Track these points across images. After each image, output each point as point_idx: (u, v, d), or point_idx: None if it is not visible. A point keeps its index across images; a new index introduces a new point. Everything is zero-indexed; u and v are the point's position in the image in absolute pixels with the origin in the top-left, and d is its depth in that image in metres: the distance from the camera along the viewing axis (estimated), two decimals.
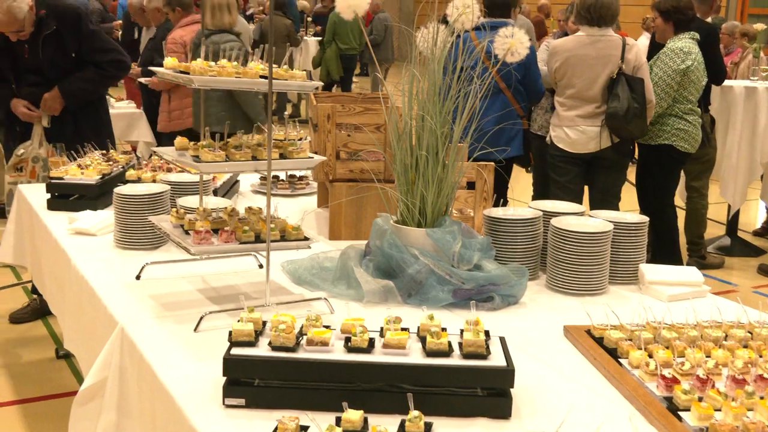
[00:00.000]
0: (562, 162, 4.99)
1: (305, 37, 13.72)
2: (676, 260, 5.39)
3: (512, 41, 2.53)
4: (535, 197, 6.01)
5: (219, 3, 5.47)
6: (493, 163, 3.07)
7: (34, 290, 4.61)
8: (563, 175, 5.01)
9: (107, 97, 5.34)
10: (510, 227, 2.66)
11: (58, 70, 4.32)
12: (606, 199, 4.88)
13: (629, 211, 3.09)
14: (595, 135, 4.81)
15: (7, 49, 4.26)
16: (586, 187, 5.20)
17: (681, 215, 6.16)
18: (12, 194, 3.93)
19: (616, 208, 4.65)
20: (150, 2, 7.25)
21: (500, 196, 3.07)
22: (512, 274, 2.48)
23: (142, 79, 6.68)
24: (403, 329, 1.89)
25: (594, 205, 5.00)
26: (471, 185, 3.09)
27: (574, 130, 4.87)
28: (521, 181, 6.17)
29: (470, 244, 2.48)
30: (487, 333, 1.89)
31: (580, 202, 4.62)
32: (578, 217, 2.72)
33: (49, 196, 3.43)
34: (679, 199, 6.24)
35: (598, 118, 4.80)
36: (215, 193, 3.42)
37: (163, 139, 6.51)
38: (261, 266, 2.74)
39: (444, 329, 1.90)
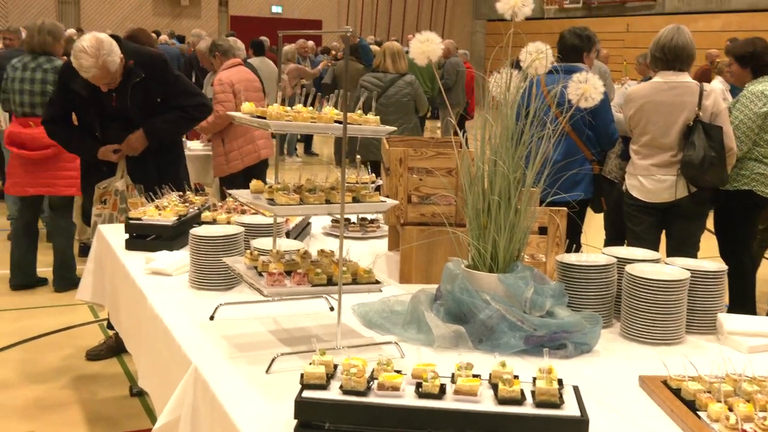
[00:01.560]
0: (637, 211, 4.87)
1: None
2: (748, 312, 5.20)
3: (586, 86, 2.52)
4: (607, 243, 5.90)
5: (398, 50, 7.08)
6: (565, 208, 3.04)
7: (110, 327, 4.71)
8: (638, 225, 4.88)
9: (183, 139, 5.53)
10: (583, 273, 2.62)
11: (144, 116, 4.45)
12: (683, 249, 4.70)
13: (707, 258, 3.02)
14: (671, 184, 4.68)
15: (93, 98, 4.40)
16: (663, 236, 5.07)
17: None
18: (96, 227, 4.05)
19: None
20: None
21: (573, 242, 3.03)
22: (585, 321, 2.44)
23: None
24: (474, 376, 1.88)
25: (671, 255, 4.85)
26: (543, 230, 3.06)
27: (650, 180, 4.75)
28: (593, 225, 6.09)
29: (542, 290, 2.46)
30: (560, 381, 1.86)
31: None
32: (654, 265, 2.67)
33: (127, 236, 3.52)
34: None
35: (674, 167, 4.67)
36: (287, 235, 3.46)
37: (224, 181, 6.62)
38: (332, 309, 2.75)
39: (516, 376, 1.87)
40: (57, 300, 5.96)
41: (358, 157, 4.11)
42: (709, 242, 5.52)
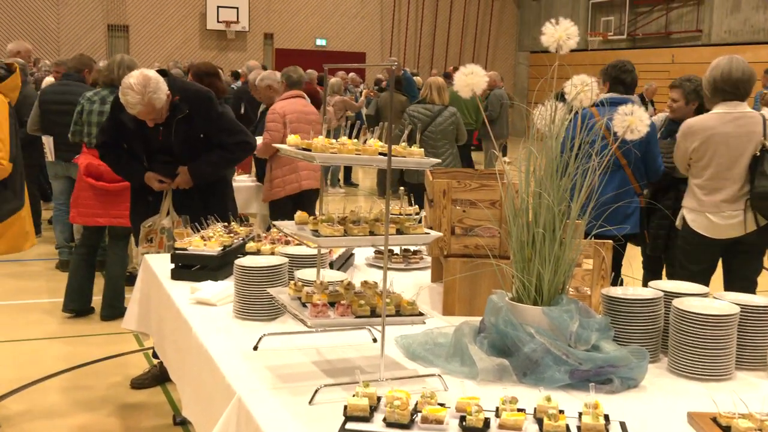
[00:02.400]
0: (698, 248, 4.72)
1: None
2: None
3: (632, 119, 2.51)
4: (646, 274, 5.80)
5: (442, 84, 8.11)
6: (611, 241, 3.01)
7: (155, 356, 4.75)
8: (698, 263, 4.72)
9: None
10: (629, 307, 2.59)
11: (188, 150, 4.53)
12: (746, 286, 4.49)
13: (761, 292, 2.96)
14: (741, 219, 4.58)
15: (139, 132, 4.49)
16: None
17: None
18: None
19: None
20: (262, 80, 7.51)
21: (616, 275, 2.99)
22: (632, 356, 2.40)
23: None
24: (519, 410, 1.86)
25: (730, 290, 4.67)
26: None
27: (719, 216, 4.60)
28: (637, 258, 6.02)
29: (588, 324, 2.43)
30: (606, 417, 1.83)
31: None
32: (702, 299, 2.62)
33: (173, 266, 3.56)
34: None
35: (741, 201, 4.55)
36: (331, 265, 3.47)
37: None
38: (375, 340, 2.75)
39: (561, 411, 1.85)
40: (105, 328, 6.04)
41: (402, 188, 4.12)
42: (762, 278, 5.39)
